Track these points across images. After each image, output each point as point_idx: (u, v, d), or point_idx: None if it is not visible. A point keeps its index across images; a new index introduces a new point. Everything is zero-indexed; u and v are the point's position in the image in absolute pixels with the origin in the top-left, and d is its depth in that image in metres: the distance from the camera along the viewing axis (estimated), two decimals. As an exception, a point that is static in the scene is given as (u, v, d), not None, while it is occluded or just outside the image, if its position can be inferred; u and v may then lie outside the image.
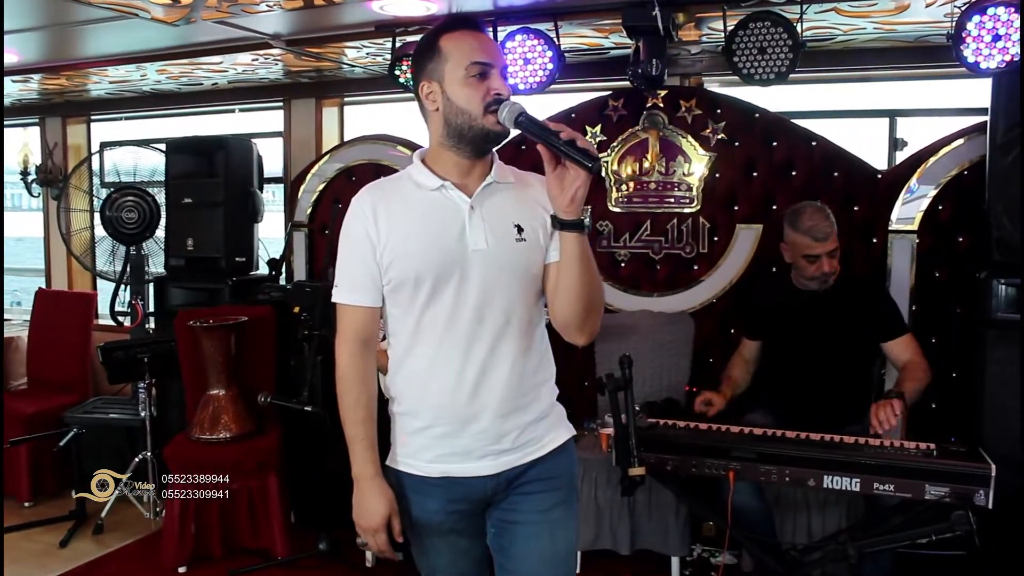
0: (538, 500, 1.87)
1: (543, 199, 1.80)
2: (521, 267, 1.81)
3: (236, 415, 3.74)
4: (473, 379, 1.79)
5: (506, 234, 1.79)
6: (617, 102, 4.02)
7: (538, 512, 1.87)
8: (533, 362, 1.86)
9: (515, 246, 1.79)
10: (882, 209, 3.68)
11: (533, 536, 1.87)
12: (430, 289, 1.77)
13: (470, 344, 1.78)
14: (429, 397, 1.81)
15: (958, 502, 2.49)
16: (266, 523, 3.70)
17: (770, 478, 2.70)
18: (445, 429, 1.82)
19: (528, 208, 1.82)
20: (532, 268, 1.82)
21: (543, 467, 1.88)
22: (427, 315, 1.79)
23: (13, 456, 4.56)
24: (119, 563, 3.79)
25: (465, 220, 1.77)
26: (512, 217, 1.80)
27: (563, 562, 1.92)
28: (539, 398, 1.88)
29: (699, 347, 3.84)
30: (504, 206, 1.81)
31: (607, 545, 3.52)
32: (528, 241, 1.80)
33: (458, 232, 1.77)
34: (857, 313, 3.21)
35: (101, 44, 3.89)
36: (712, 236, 3.95)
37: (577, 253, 1.74)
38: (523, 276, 1.81)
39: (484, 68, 1.75)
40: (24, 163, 5.43)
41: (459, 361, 1.78)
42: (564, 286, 1.78)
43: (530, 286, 1.83)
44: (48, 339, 5.11)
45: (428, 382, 1.81)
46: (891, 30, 3.27)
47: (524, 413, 1.84)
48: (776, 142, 3.82)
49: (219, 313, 3.93)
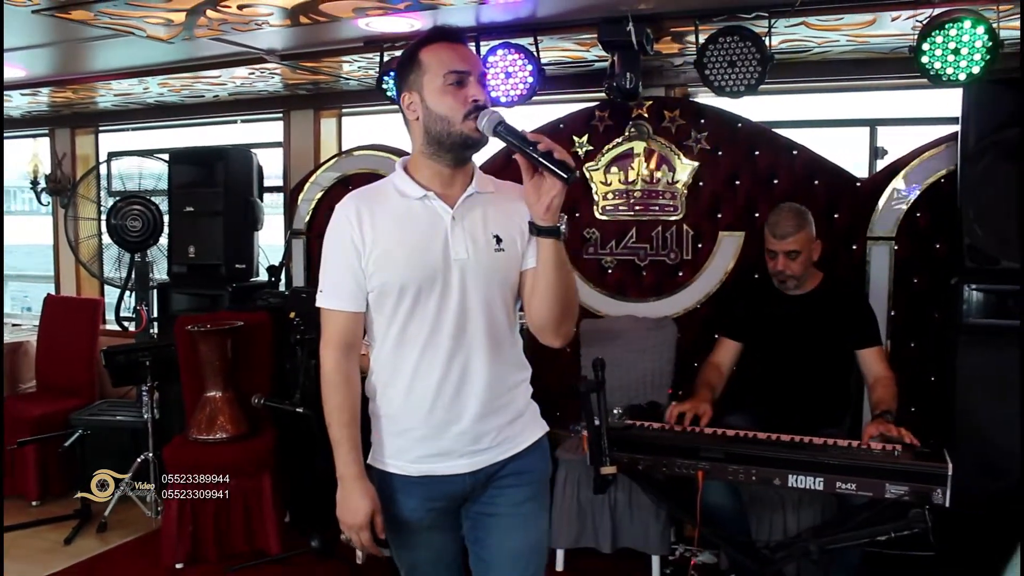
0: (512, 494, 1.95)
1: (521, 208, 1.86)
2: (500, 276, 1.87)
3: (232, 417, 3.86)
4: (454, 385, 1.85)
5: (486, 244, 1.85)
6: (603, 112, 4.13)
7: (512, 505, 1.96)
8: (510, 365, 1.93)
9: (494, 255, 1.86)
10: (862, 217, 3.76)
11: (507, 528, 1.96)
12: (413, 298, 1.83)
13: (451, 351, 1.84)
14: (411, 402, 1.88)
15: (917, 501, 2.57)
16: (260, 522, 3.81)
17: (737, 477, 2.77)
18: (426, 432, 1.88)
19: (506, 218, 1.89)
20: (510, 276, 1.90)
21: (518, 463, 1.96)
22: (410, 323, 1.85)
23: (21, 457, 4.70)
24: (120, 560, 3.92)
25: (447, 230, 1.83)
26: (491, 227, 1.87)
27: (535, 553, 2.00)
28: (515, 399, 1.95)
29: (683, 351, 3.93)
30: (484, 216, 1.87)
31: (590, 543, 3.61)
32: (507, 251, 1.87)
33: (441, 242, 1.83)
34: (836, 318, 3.27)
35: (106, 59, 4.02)
36: (696, 243, 4.04)
37: (554, 259, 1.81)
38: (501, 284, 1.88)
39: (461, 76, 1.80)
40: (34, 172, 5.59)
41: (441, 367, 1.84)
42: (541, 290, 1.84)
43: (508, 293, 1.91)
44: (56, 344, 5.25)
45: (410, 387, 1.87)
46: (864, 42, 3.36)
47: (501, 414, 1.91)
48: (759, 151, 3.91)
49: (217, 318, 4.06)
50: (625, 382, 3.96)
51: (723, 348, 3.47)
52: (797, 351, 3.29)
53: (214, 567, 3.74)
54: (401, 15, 3.07)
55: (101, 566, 3.82)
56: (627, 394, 3.92)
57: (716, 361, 3.45)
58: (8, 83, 4.37)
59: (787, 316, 3.31)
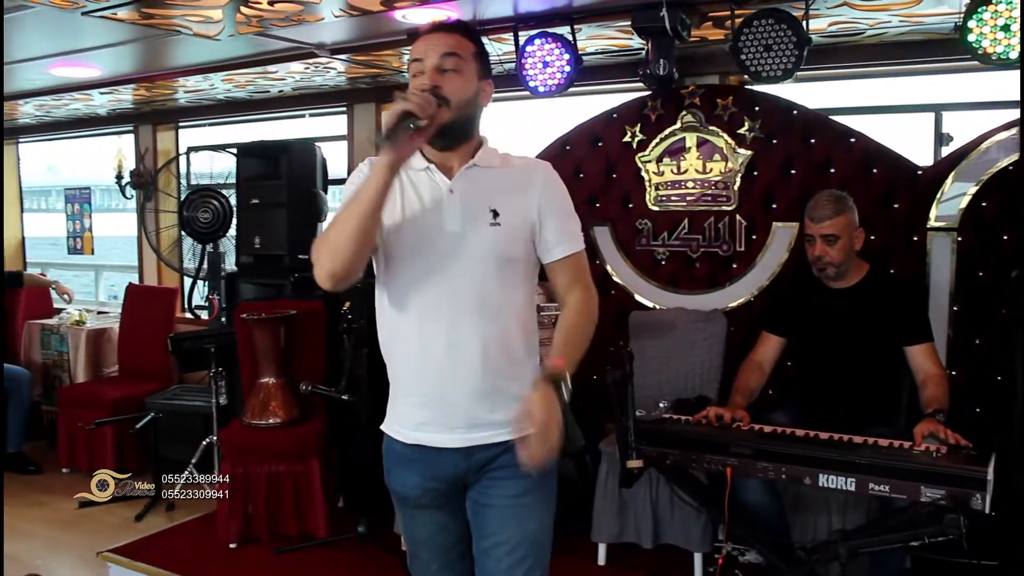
0: (508, 486, 1.93)
1: (531, 185, 1.87)
2: (494, 251, 1.85)
3: (284, 402, 3.98)
4: (447, 356, 1.85)
5: (480, 217, 1.84)
6: (655, 102, 4.05)
7: (508, 497, 1.94)
8: (512, 347, 1.90)
9: (488, 230, 1.84)
10: (923, 206, 3.58)
11: (503, 519, 1.95)
12: (408, 265, 1.85)
13: (443, 322, 1.84)
14: (407, 367, 1.91)
15: (955, 505, 2.44)
16: (310, 506, 3.91)
17: (767, 475, 2.68)
18: (421, 400, 1.90)
19: (509, 193, 1.87)
20: (507, 253, 1.86)
21: (514, 454, 1.89)
22: (406, 290, 1.86)
23: (100, 436, 4.99)
24: (180, 536, 4.09)
25: (444, 202, 1.84)
26: (489, 201, 1.85)
27: (533, 545, 1.97)
28: (514, 381, 1.89)
29: (735, 346, 3.82)
30: (483, 189, 1.86)
31: (631, 538, 3.57)
32: (503, 226, 1.84)
33: (436, 213, 1.84)
34: (884, 313, 3.14)
35: (177, 56, 4.18)
36: (750, 234, 3.93)
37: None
38: (496, 260, 1.85)
39: (419, 65, 1.83)
40: (119, 168, 5.86)
41: (433, 337, 1.85)
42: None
43: (506, 270, 1.87)
44: (136, 330, 5.52)
45: (406, 353, 1.90)
46: (917, 22, 3.19)
47: (499, 395, 1.88)
48: (814, 139, 3.77)
49: (273, 307, 4.18)
50: (674, 375, 3.90)
51: (766, 344, 3.36)
52: (842, 347, 3.17)
53: (265, 547, 3.86)
54: (435, 6, 3.09)
55: (162, 542, 4.00)
56: (676, 387, 3.85)
57: (758, 359, 3.34)
58: (85, 82, 4.61)
59: (832, 311, 3.19)
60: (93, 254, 6.84)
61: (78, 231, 6.65)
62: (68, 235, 6.73)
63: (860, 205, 3.56)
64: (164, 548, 3.88)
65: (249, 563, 3.74)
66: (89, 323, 5.75)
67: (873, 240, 3.63)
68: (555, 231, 1.92)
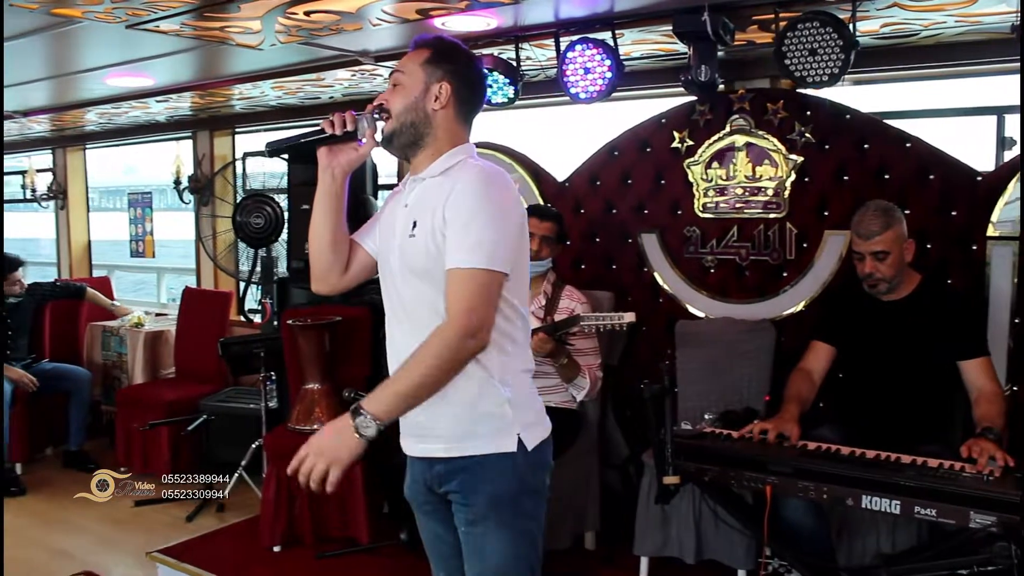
0: (461, 512, 1.93)
1: (445, 192, 1.82)
2: (412, 263, 1.86)
3: (328, 408, 4.01)
4: (394, 364, 1.91)
5: (405, 230, 1.88)
6: (704, 106, 3.96)
7: (464, 524, 1.94)
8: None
9: (408, 241, 1.87)
10: (982, 214, 3.42)
11: (466, 548, 1.96)
12: (381, 273, 1.99)
13: (391, 331, 1.96)
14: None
15: (1006, 533, 2.32)
16: (353, 511, 3.92)
17: (808, 495, 2.59)
18: None
19: (431, 203, 1.84)
20: (419, 264, 1.84)
21: (465, 478, 1.90)
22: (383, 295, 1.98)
23: (155, 437, 5.10)
24: (226, 538, 4.17)
25: (402, 213, 1.92)
26: (415, 213, 1.87)
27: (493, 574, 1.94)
28: (461, 396, 1.86)
29: (784, 357, 3.71)
30: (418, 201, 1.89)
31: (674, 553, 3.49)
32: (417, 237, 1.85)
33: (396, 225, 1.93)
34: (936, 326, 3.01)
35: (225, 65, 4.26)
36: (801, 243, 3.82)
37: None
38: (418, 272, 1.85)
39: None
40: (177, 173, 6.00)
41: (388, 345, 1.97)
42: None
43: (427, 281, 1.84)
44: (191, 333, 5.63)
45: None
46: (975, 22, 3.05)
47: (436, 406, 1.84)
48: (868, 144, 3.64)
49: (318, 312, 4.21)
50: (720, 387, 3.81)
51: (816, 353, 3.25)
52: (893, 361, 3.05)
53: (309, 551, 3.89)
54: (474, 13, 3.07)
55: (208, 543, 4.07)
56: (723, 399, 3.76)
57: (808, 368, 3.24)
58: (140, 91, 4.72)
59: (882, 324, 3.07)
60: (154, 257, 7.02)
61: (140, 234, 6.83)
62: (131, 238, 6.92)
63: (915, 213, 3.47)
64: (210, 550, 3.94)
65: (291, 567, 3.78)
66: (147, 326, 5.89)
67: (929, 250, 3.51)
68: (450, 242, 1.81)
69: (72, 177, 7.31)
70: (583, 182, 4.35)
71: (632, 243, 4.23)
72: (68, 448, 5.49)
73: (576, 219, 4.36)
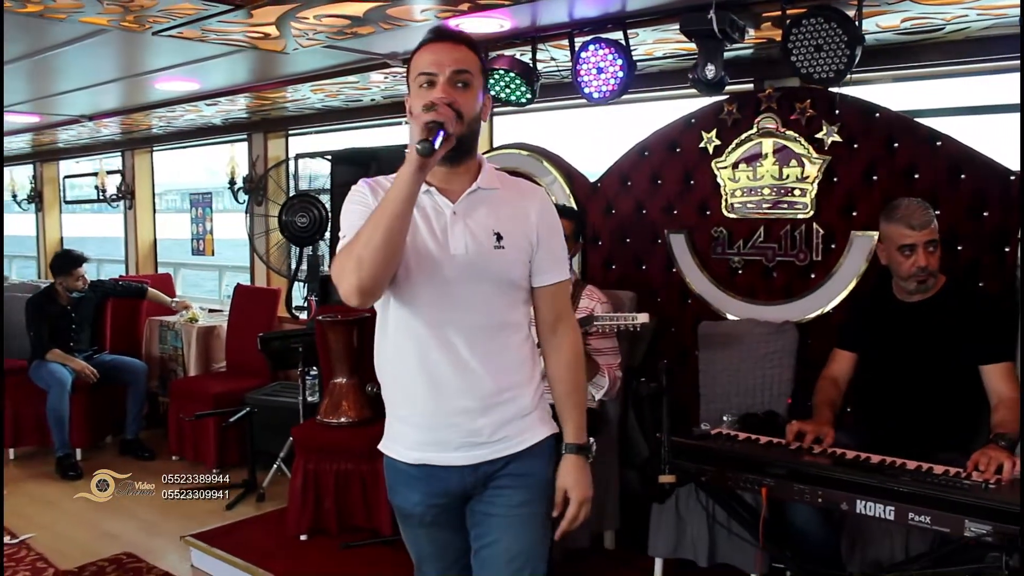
0: (511, 495, 1.95)
1: (529, 208, 1.91)
2: (498, 273, 1.88)
3: (355, 402, 4.11)
4: (448, 377, 1.87)
5: (486, 240, 1.86)
6: (731, 106, 3.92)
7: (509, 507, 1.96)
8: (510, 362, 1.93)
9: (493, 252, 1.87)
10: (1016, 215, 3.30)
11: (504, 528, 1.97)
12: (411, 287, 1.85)
13: (446, 343, 1.86)
14: (407, 389, 1.91)
15: (1002, 542, 2.24)
16: (376, 503, 4.01)
17: (803, 498, 2.56)
18: (421, 421, 1.91)
19: (512, 217, 1.90)
20: (509, 275, 1.90)
21: (519, 464, 1.96)
22: (407, 311, 1.87)
23: (204, 428, 5.29)
24: (257, 526, 4.32)
25: (448, 225, 1.86)
26: (493, 224, 1.88)
27: (532, 555, 1.98)
28: (517, 397, 1.94)
29: (810, 360, 3.64)
30: (487, 213, 1.89)
31: (688, 555, 3.47)
32: (507, 249, 1.88)
33: (441, 236, 1.85)
34: (960, 328, 2.93)
35: (264, 70, 4.41)
36: (829, 244, 3.74)
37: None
38: (499, 281, 1.89)
39: (430, 78, 1.82)
40: (231, 174, 6.22)
41: (436, 358, 1.87)
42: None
43: (508, 291, 1.91)
44: (241, 328, 5.82)
45: (407, 375, 1.90)
46: (1000, 15, 2.95)
47: (499, 411, 1.91)
48: (898, 143, 3.55)
49: (349, 310, 4.32)
50: (742, 388, 3.78)
51: (839, 361, 3.22)
52: (915, 365, 2.98)
53: (334, 541, 4.00)
54: (489, 15, 3.11)
55: (240, 530, 4.22)
56: (745, 401, 3.73)
57: (832, 375, 3.20)
58: (189, 95, 4.92)
59: (906, 326, 3.01)
60: (214, 255, 7.28)
61: (200, 233, 7.10)
62: (192, 237, 7.19)
63: (946, 214, 3.38)
64: (240, 536, 4.09)
65: (316, 555, 3.90)
66: (201, 321, 6.11)
67: (960, 252, 3.40)
68: (548, 257, 1.96)
69: (139, 178, 7.63)
70: (614, 182, 4.35)
71: (661, 244, 4.21)
72: (125, 437, 5.74)
73: (607, 220, 4.36)
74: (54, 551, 4.14)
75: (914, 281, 2.97)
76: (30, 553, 4.13)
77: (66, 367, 5.45)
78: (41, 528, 4.44)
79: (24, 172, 9.00)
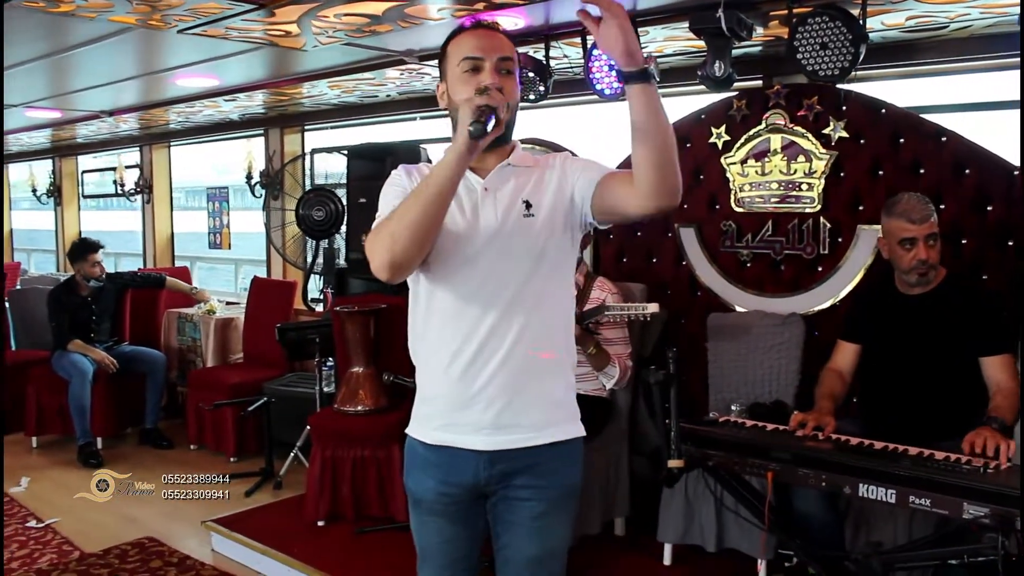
0: (532, 507, 1.94)
1: (559, 175, 1.89)
2: (528, 242, 1.86)
3: (371, 391, 4.21)
4: (478, 352, 1.84)
5: (514, 209, 1.87)
6: (740, 102, 4.00)
7: (531, 519, 1.94)
8: (550, 343, 1.91)
9: (522, 221, 1.86)
10: (1019, 210, 3.37)
11: (526, 536, 1.96)
12: (441, 265, 1.84)
13: (479, 318, 1.84)
14: (437, 369, 1.90)
15: (999, 525, 2.32)
16: (391, 490, 4.11)
17: (807, 482, 2.64)
18: (448, 401, 1.89)
19: (542, 186, 1.89)
20: (542, 244, 1.87)
21: (538, 469, 1.92)
22: (439, 290, 1.87)
23: (222, 418, 5.41)
24: (275, 512, 4.43)
25: (478, 200, 1.87)
26: (523, 195, 1.88)
27: (552, 558, 2.00)
28: (547, 385, 1.91)
29: (817, 350, 3.72)
30: (517, 186, 1.89)
31: (696, 541, 3.56)
32: (537, 217, 1.86)
33: (471, 212, 1.86)
34: (961, 320, 3.00)
35: (283, 65, 4.51)
36: (835, 237, 3.82)
37: (647, 106, 1.69)
38: (530, 251, 1.87)
39: (476, 62, 1.82)
40: (248, 169, 6.32)
41: (468, 333, 1.84)
42: (638, 145, 1.72)
43: (540, 263, 1.87)
44: (258, 320, 5.93)
45: (437, 354, 1.89)
46: (1002, 13, 3.02)
47: (527, 395, 1.88)
48: (904, 139, 3.62)
49: (365, 301, 4.42)
50: (750, 379, 3.85)
51: (843, 353, 3.28)
52: (917, 357, 3.05)
53: (350, 526, 4.11)
54: (504, 13, 3.19)
55: (259, 516, 4.33)
56: (752, 391, 3.81)
57: (836, 367, 3.27)
58: (206, 91, 5.02)
59: (907, 319, 3.07)
60: (231, 249, 7.40)
61: (217, 227, 7.22)
62: (209, 231, 7.32)
63: (950, 209, 3.46)
64: (259, 521, 4.19)
65: (332, 540, 4.00)
66: (219, 313, 6.23)
67: (964, 247, 3.47)
68: (584, 173, 1.89)
69: (157, 173, 7.75)
70: (627, 177, 4.41)
71: (671, 237, 4.29)
72: (144, 426, 5.86)
73: (619, 213, 4.44)
74: (79, 534, 4.27)
75: (915, 274, 3.04)
76: (56, 536, 4.26)
77: (87, 357, 5.56)
78: (65, 513, 4.56)
79: (44, 167, 9.15)
